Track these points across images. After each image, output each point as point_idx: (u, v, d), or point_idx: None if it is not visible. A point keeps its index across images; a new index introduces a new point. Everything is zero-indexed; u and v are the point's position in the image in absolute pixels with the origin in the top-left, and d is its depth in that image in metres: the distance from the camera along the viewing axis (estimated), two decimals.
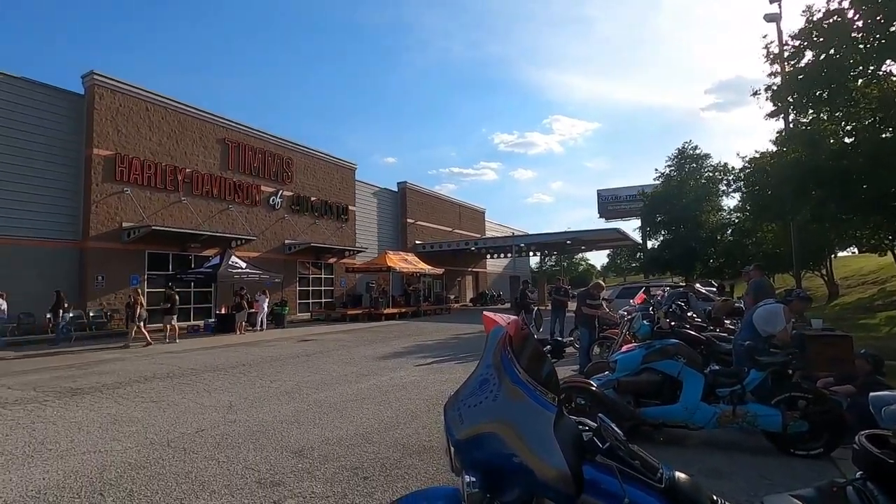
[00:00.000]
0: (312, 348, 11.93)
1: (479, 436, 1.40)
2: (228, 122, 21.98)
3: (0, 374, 8.69)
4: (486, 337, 1.68)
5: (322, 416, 5.36)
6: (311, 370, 8.57)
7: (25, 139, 15.75)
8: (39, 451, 4.32)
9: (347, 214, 28.55)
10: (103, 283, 16.79)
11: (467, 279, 41.80)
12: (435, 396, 6.28)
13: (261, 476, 3.66)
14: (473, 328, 16.96)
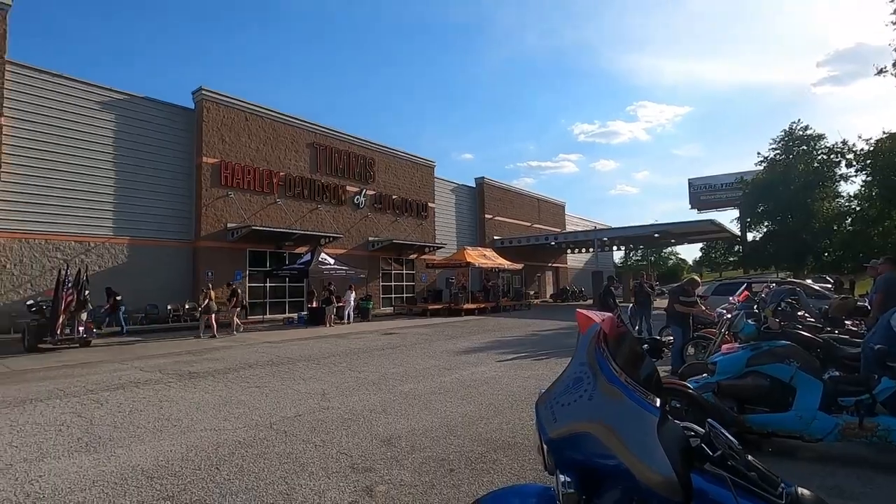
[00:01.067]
0: (396, 342, 12.34)
1: (573, 435, 1.36)
2: (316, 127, 23.30)
3: (132, 357, 9.97)
4: (578, 334, 1.63)
5: (408, 408, 5.54)
6: (396, 363, 8.88)
7: (149, 151, 17.86)
8: (166, 426, 4.90)
9: (427, 211, 29.14)
10: (212, 278, 18.56)
11: (547, 275, 40.96)
12: (517, 393, 6.23)
13: (353, 461, 3.86)
14: (554, 325, 16.59)
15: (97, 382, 7.28)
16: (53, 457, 4.04)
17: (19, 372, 8.42)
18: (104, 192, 16.70)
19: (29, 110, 15.21)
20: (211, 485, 3.42)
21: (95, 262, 16.09)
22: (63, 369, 8.59)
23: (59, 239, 15.62)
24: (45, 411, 5.56)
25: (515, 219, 37.19)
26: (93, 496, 3.26)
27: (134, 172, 17.41)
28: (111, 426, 4.93)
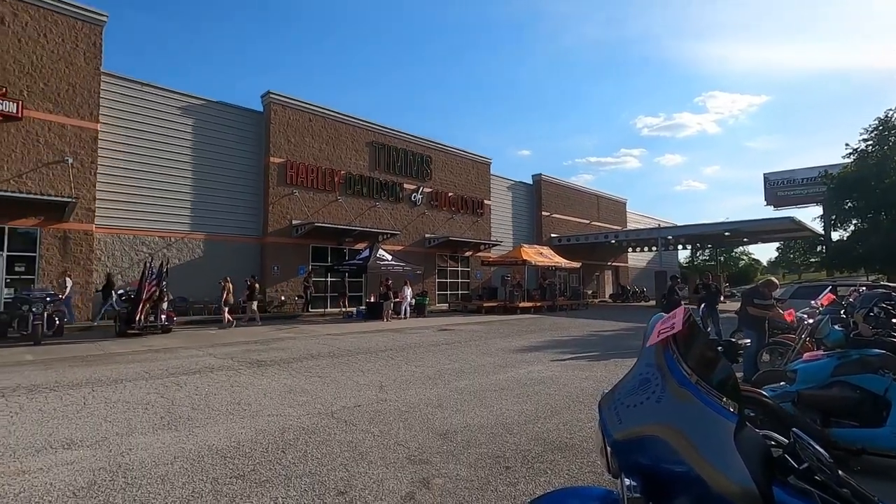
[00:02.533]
0: (451, 338, 12.43)
1: (640, 438, 1.31)
2: (375, 126, 23.87)
3: (207, 344, 10.69)
4: (645, 333, 1.57)
5: (463, 403, 5.56)
6: (451, 358, 8.94)
7: (223, 153, 19.07)
8: (237, 410, 5.22)
9: (483, 208, 29.09)
10: (278, 272, 19.56)
11: (606, 274, 39.69)
12: (575, 393, 6.09)
13: (410, 453, 3.93)
14: (614, 325, 16.05)
15: (177, 367, 7.88)
16: (140, 432, 4.42)
17: (111, 354, 9.27)
18: (183, 191, 18.02)
19: (120, 117, 16.68)
20: (278, 467, 3.60)
21: (175, 256, 17.41)
22: (147, 353, 9.37)
23: (144, 234, 17.03)
24: (133, 391, 6.09)
25: (573, 216, 36.30)
26: (174, 470, 3.54)
27: (209, 172, 18.65)
28: (189, 407, 5.32)
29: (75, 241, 15.10)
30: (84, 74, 15.48)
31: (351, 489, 3.23)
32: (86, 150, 15.39)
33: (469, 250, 28.13)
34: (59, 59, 15.05)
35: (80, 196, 14.88)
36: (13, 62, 14.26)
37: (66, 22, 15.25)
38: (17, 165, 14.21)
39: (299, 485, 3.29)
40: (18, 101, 14.16)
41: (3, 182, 13.90)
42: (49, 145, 14.73)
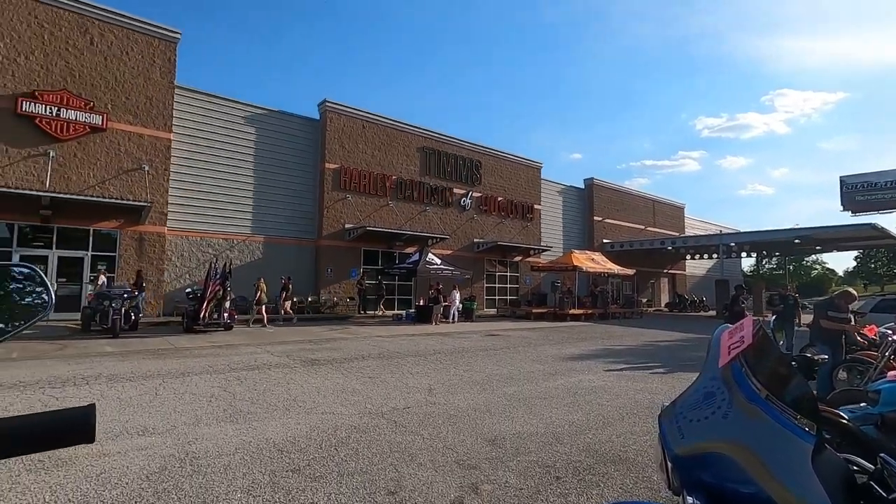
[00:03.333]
0: (500, 343, 12.34)
1: (704, 454, 1.25)
2: (426, 132, 24.19)
3: (265, 342, 11.19)
4: (709, 344, 1.50)
5: (512, 410, 5.51)
6: (500, 364, 8.88)
7: (282, 159, 19.97)
8: (292, 406, 5.43)
9: (533, 213, 28.75)
10: (332, 274, 20.18)
11: (662, 282, 38.11)
12: (628, 405, 5.88)
13: (459, 457, 3.94)
14: (670, 335, 15.38)
15: (238, 362, 8.30)
16: (205, 423, 4.69)
17: (179, 349, 9.90)
18: (245, 195, 19.01)
19: (190, 126, 17.85)
20: (331, 464, 3.71)
21: (237, 257, 18.37)
22: (211, 349, 9.93)
23: (210, 236, 18.10)
24: (199, 384, 6.47)
25: (627, 221, 35.16)
26: (235, 461, 3.73)
27: (269, 178, 19.58)
28: (249, 401, 5.59)
29: (149, 242, 16.28)
30: (159, 88, 16.70)
31: (401, 490, 3.28)
32: (160, 158, 16.58)
33: (518, 255, 27.87)
34: (138, 74, 16.32)
35: (154, 200, 16.03)
36: (100, 78, 15.62)
37: (144, 40, 16.53)
38: (101, 172, 15.52)
39: (351, 482, 3.37)
40: (104, 114, 15.48)
41: (90, 188, 15.22)
42: (128, 154, 15.98)
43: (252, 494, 3.15)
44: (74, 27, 15.36)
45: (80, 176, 15.19)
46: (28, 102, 14.40)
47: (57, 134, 14.80)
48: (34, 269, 0.78)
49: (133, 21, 16.34)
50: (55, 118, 14.76)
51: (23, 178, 14.31)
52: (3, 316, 0.70)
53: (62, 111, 14.86)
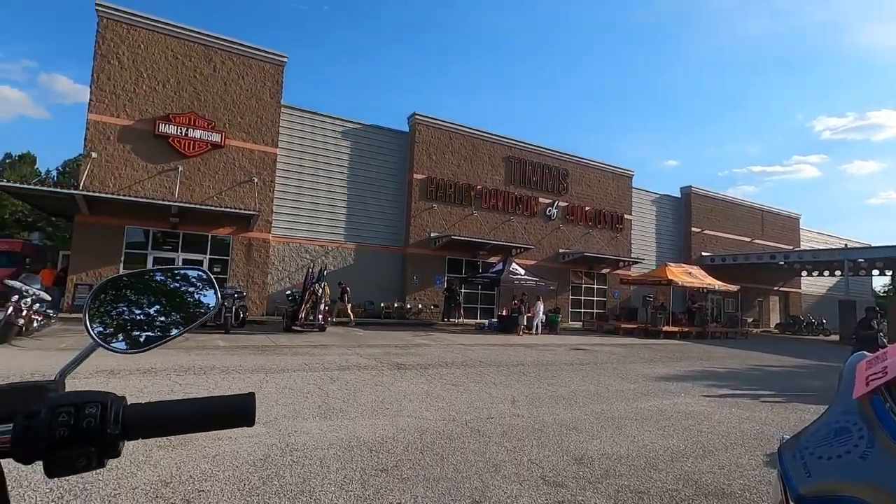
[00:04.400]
0: (586, 358, 11.89)
1: (835, 497, 1.12)
2: (511, 141, 24.15)
3: (355, 345, 11.77)
4: (841, 373, 1.35)
5: (600, 429, 5.28)
6: (586, 380, 8.55)
7: (375, 171, 21.03)
8: (380, 408, 5.64)
9: (622, 223, 27.47)
10: (417, 281, 20.76)
11: (771, 300, 34.46)
12: (733, 434, 5.38)
13: (544, 473, 3.85)
14: (782, 361, 13.85)
15: (331, 362, 8.81)
16: (302, 418, 5.03)
17: (279, 347, 10.73)
18: (339, 205, 20.22)
19: (293, 141, 19.41)
20: (417, 467, 3.81)
21: (332, 263, 19.55)
22: (307, 348, 10.64)
23: (307, 243, 19.47)
24: (297, 380, 6.96)
25: (730, 233, 32.34)
26: (329, 455, 3.96)
27: (361, 188, 20.69)
28: (341, 400, 5.91)
29: (256, 247, 17.88)
30: (268, 107, 18.38)
31: (485, 500, 3.28)
32: (267, 171, 18.20)
33: (606, 267, 26.73)
34: (251, 95, 18.11)
35: (261, 209, 17.60)
36: (220, 101, 17.55)
37: (257, 65, 18.32)
38: (219, 184, 17.36)
39: (437, 487, 3.43)
40: (223, 133, 17.36)
41: (209, 198, 17.09)
42: (241, 167, 17.73)
43: (344, 489, 3.32)
44: (201, 57, 17.43)
45: (202, 187, 17.12)
46: (163, 124, 16.56)
47: (185, 151, 16.84)
48: (205, 271, 0.91)
49: (248, 48, 18.19)
50: (184, 137, 16.81)
51: (157, 189, 16.44)
52: (182, 312, 0.84)
53: (190, 131, 16.90)
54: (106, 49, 16.08)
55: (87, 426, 0.52)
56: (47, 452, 0.51)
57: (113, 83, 16.09)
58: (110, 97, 16.04)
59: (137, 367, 7.09)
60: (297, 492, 3.24)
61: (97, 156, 15.73)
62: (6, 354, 7.92)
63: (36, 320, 9.92)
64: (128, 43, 16.38)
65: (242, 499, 3.10)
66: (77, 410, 0.52)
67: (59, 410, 0.52)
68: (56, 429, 0.51)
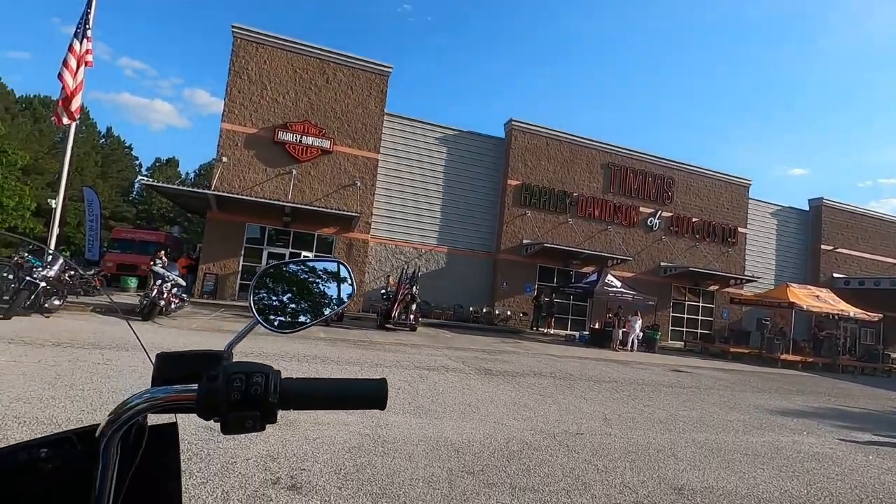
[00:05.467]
0: (687, 381, 11.00)
1: None
2: (612, 148, 23.16)
3: (443, 347, 11.99)
4: None
5: (702, 459, 4.85)
6: (687, 405, 7.91)
7: (470, 176, 21.34)
8: (468, 412, 5.69)
9: (735, 237, 25.06)
10: (507, 288, 20.66)
11: None
12: (871, 486, 4.64)
13: (639, 499, 3.62)
14: None
15: (420, 362, 9.06)
16: (393, 412, 5.23)
17: (374, 342, 11.27)
18: (433, 209, 20.78)
19: (394, 147, 20.34)
20: (503, 474, 3.78)
21: (424, 265, 20.13)
22: (399, 346, 11.05)
23: (402, 244, 20.24)
24: (389, 376, 7.20)
25: (873, 253, 28.09)
26: (418, 451, 4.07)
27: (456, 193, 21.08)
28: (430, 399, 6.05)
29: (356, 247, 18.97)
30: (373, 115, 19.45)
31: None
32: (369, 175, 19.25)
33: (714, 284, 24.51)
34: (358, 105, 19.29)
35: (362, 211, 18.65)
36: (330, 110, 18.92)
37: (364, 76, 19.48)
38: (326, 187, 18.70)
39: (523, 498, 3.38)
40: (332, 139, 18.70)
41: (317, 200, 18.47)
42: (346, 172, 18.95)
43: (432, 486, 3.40)
44: (316, 70, 18.94)
45: (312, 190, 18.56)
46: (281, 132, 18.24)
47: (298, 156, 18.39)
48: (343, 263, 1.00)
49: (358, 60, 19.41)
50: (298, 144, 18.37)
51: (274, 191, 18.12)
52: (325, 301, 0.93)
53: (303, 138, 18.43)
54: (238, 66, 18.12)
55: (255, 393, 0.61)
56: (224, 412, 0.60)
57: (242, 96, 18.06)
58: (240, 108, 18.02)
59: (251, 350, 7.86)
60: (387, 483, 3.38)
61: (227, 160, 17.75)
62: (150, 330, 9.21)
63: (173, 302, 11.40)
64: (256, 59, 18.31)
65: (338, 481, 3.31)
66: (247, 378, 0.61)
67: (234, 377, 0.61)
68: (231, 392, 0.60)
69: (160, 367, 0.67)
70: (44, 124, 37.22)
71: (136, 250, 21.23)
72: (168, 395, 0.63)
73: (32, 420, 3.84)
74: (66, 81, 11.45)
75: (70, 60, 11.46)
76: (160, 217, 46.71)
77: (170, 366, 0.67)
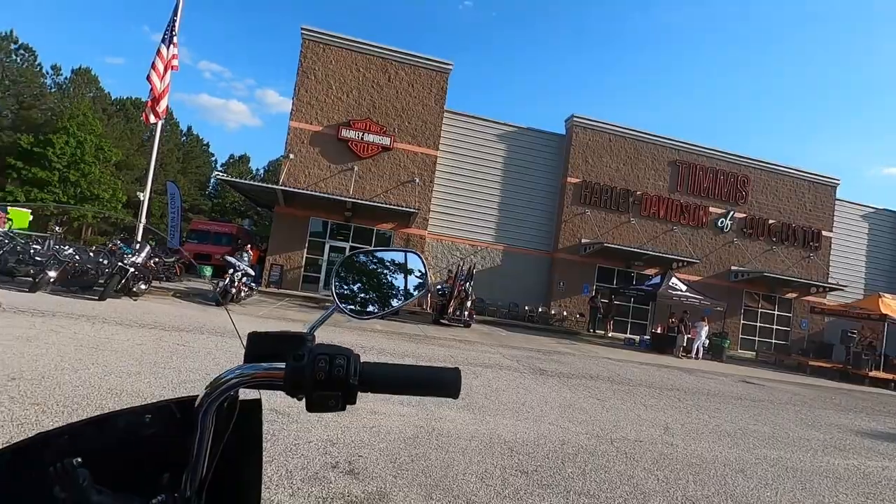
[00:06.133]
0: (759, 394, 10.29)
1: None
2: (680, 144, 22.02)
3: (497, 344, 11.93)
4: None
5: (775, 478, 4.52)
6: (759, 419, 7.40)
7: (526, 173, 21.04)
8: (521, 411, 5.64)
9: (819, 241, 23.09)
10: (563, 288, 20.23)
11: None
12: None
13: None
14: None
15: (474, 358, 9.08)
16: (447, 407, 5.27)
17: (428, 337, 11.41)
18: (490, 206, 20.69)
19: (453, 144, 20.42)
20: (557, 476, 3.72)
21: (480, 263, 20.11)
22: (453, 342, 11.13)
23: (458, 241, 20.32)
24: None
25: None
26: (472, 447, 4.09)
27: (513, 190, 20.86)
28: (483, 396, 6.05)
29: (413, 243, 19.26)
30: (432, 112, 19.63)
31: None
32: (427, 172, 19.46)
33: (792, 291, 22.72)
34: (418, 102, 19.54)
35: (420, 208, 18.90)
36: (391, 107, 19.30)
37: (425, 73, 19.69)
38: (385, 184, 19.12)
39: (578, 502, 3.31)
40: (392, 136, 19.08)
41: (377, 196, 18.93)
42: (405, 169, 19.27)
43: (485, 482, 3.40)
44: (379, 68, 19.38)
45: (372, 186, 19.05)
46: (345, 130, 18.83)
47: (360, 153, 18.92)
48: (420, 255, 1.03)
49: (419, 58, 19.65)
50: (360, 141, 18.90)
51: (336, 186, 18.77)
52: (399, 291, 0.97)
53: (365, 135, 18.93)
54: (306, 66, 18.89)
55: (338, 374, 0.64)
56: (309, 390, 0.64)
57: (309, 95, 18.82)
58: (307, 107, 18.80)
59: None
60: (441, 475, 3.42)
61: (294, 157, 18.58)
62: (223, 316, 9.85)
63: (243, 290, 12.12)
64: (323, 60, 19.00)
65: (394, 470, 3.39)
66: (331, 359, 0.65)
67: (319, 357, 0.65)
68: (316, 372, 0.64)
69: (251, 345, 0.72)
70: (134, 124, 40.69)
71: (211, 241, 22.79)
72: (257, 371, 0.67)
73: (122, 392, 4.23)
74: (154, 83, 12.47)
75: (158, 64, 12.46)
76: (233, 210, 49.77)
77: (260, 344, 0.72)
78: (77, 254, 10.07)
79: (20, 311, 7.20)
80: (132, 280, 10.06)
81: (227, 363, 0.69)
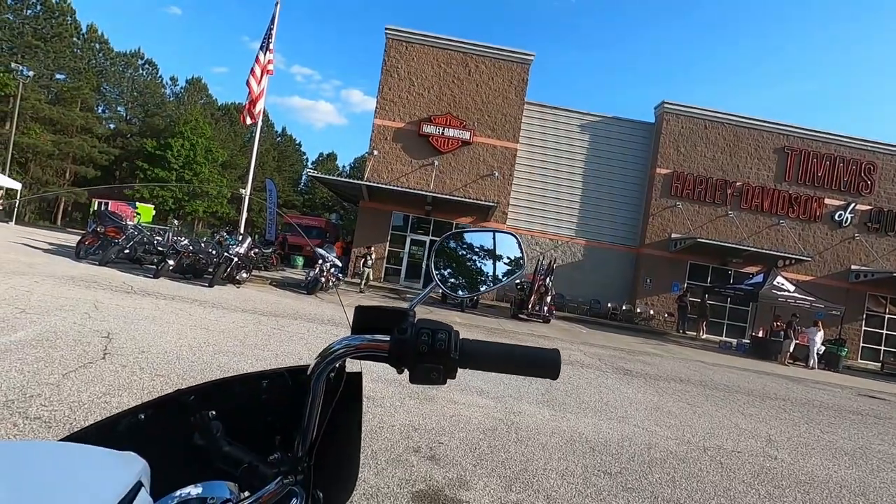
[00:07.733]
0: (884, 410, 9.06)
1: None
2: (789, 129, 19.86)
3: (578, 341, 11.58)
4: None
5: None
6: (882, 438, 6.51)
7: (610, 164, 20.12)
8: (604, 410, 5.44)
9: None
10: (650, 285, 19.14)
11: None
12: None
13: None
14: None
15: None
16: (526, 401, 5.23)
17: (506, 331, 11.36)
18: (572, 199, 20.05)
19: (533, 136, 20.04)
20: (643, 481, 3.55)
21: (560, 257, 19.61)
22: (532, 337, 10.98)
23: (538, 235, 19.95)
24: None
25: None
26: (552, 443, 4.02)
27: (596, 183, 20.06)
28: (564, 393, 5.92)
29: None
30: (513, 105, 19.38)
31: None
32: (507, 166, 19.29)
33: None
34: (498, 95, 19.39)
35: (499, 201, 18.80)
36: (471, 101, 19.33)
37: (505, 66, 19.47)
38: (465, 178, 19.23)
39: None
40: (472, 131, 19.12)
41: (457, 190, 19.11)
42: (485, 162, 19.24)
43: (566, 480, 3.33)
44: (459, 63, 19.47)
45: (452, 180, 19.26)
46: (426, 125, 19.18)
47: (440, 148, 19.19)
48: (517, 236, 1.04)
49: (499, 51, 19.47)
50: (441, 136, 19.16)
51: (417, 181, 19.21)
52: (494, 271, 0.98)
53: (445, 130, 19.16)
54: (390, 65, 19.47)
55: (440, 348, 0.66)
56: (412, 363, 0.67)
57: (392, 93, 19.40)
58: (390, 105, 19.40)
59: None
60: (520, 469, 3.40)
61: (377, 154, 19.28)
62: (314, 303, 10.52)
63: (331, 280, 12.84)
64: (405, 58, 19.48)
65: (474, 459, 3.43)
66: (433, 334, 0.67)
67: (421, 331, 0.67)
68: (419, 345, 0.67)
69: (357, 318, 0.76)
70: (237, 127, 44.59)
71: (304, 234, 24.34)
72: (363, 342, 0.71)
73: (229, 370, 4.67)
74: (251, 87, 13.53)
75: (255, 69, 13.50)
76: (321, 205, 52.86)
77: (365, 318, 0.76)
78: (191, 245, 11.25)
79: (147, 294, 8.20)
80: (235, 269, 11.05)
81: (318, 347, 0.76)
